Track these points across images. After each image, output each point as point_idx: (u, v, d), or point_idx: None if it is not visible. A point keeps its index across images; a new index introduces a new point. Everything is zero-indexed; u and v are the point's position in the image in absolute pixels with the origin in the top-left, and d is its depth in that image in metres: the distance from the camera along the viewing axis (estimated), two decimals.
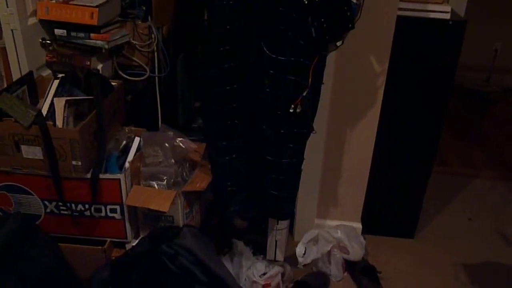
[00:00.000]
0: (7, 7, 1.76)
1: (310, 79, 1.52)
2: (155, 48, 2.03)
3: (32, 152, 1.60)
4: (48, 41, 1.91)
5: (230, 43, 1.51)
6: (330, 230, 2.08)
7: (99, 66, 1.92)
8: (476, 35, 1.85)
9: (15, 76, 1.87)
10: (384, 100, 1.94)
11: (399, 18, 1.81)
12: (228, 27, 1.48)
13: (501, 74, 4.28)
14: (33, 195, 1.69)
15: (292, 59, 1.51)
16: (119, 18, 1.98)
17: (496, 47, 4.21)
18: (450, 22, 1.91)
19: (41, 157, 1.60)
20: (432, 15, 1.91)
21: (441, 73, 2.02)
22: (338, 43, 1.52)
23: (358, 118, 1.97)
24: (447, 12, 1.91)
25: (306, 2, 1.40)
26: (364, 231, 2.25)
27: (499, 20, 4.00)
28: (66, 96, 1.63)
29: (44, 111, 1.61)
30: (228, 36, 1.50)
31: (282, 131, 1.60)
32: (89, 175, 1.62)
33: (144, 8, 2.04)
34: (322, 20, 1.43)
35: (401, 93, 2.02)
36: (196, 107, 2.30)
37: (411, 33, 1.92)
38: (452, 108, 2.30)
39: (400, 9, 1.82)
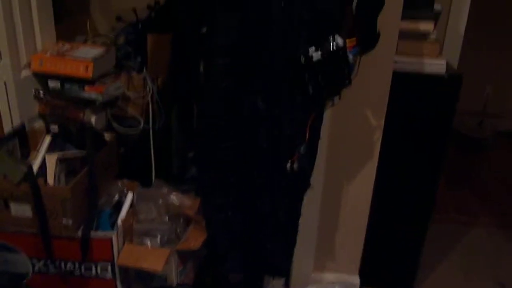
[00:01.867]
0: (0, 59, 1.75)
1: (307, 135, 1.50)
2: (149, 100, 2.01)
3: (21, 210, 1.55)
4: (41, 93, 1.89)
5: (225, 100, 1.49)
6: (327, 286, 2.03)
7: (93, 118, 1.89)
8: (467, 80, 1.89)
9: (7, 127, 1.84)
10: (381, 153, 1.93)
11: (395, 73, 1.81)
12: (224, 84, 1.47)
13: (493, 119, 4.31)
14: (20, 253, 1.63)
15: (289, 115, 1.49)
16: (114, 70, 1.97)
17: (488, 91, 4.25)
18: (446, 77, 1.92)
19: (30, 215, 1.55)
20: (428, 69, 1.92)
21: (438, 126, 2.02)
22: (335, 99, 1.52)
23: (355, 172, 1.95)
24: (442, 66, 1.92)
25: (303, 61, 1.39)
26: (363, 284, 2.20)
27: (489, 66, 4.06)
28: (58, 152, 1.59)
29: (35, 168, 1.57)
30: (224, 93, 1.48)
31: (279, 187, 1.57)
32: (79, 234, 1.57)
33: (139, 59, 2.03)
34: (319, 77, 1.42)
35: (398, 146, 2.01)
36: (190, 158, 2.27)
37: (407, 87, 1.92)
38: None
39: (395, 62, 1.83)
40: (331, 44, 1.38)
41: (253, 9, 1.40)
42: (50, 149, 1.62)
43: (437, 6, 2.02)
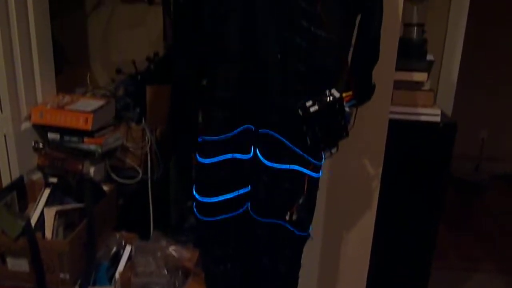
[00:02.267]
0: (1, 112, 1.77)
1: (305, 187, 1.51)
2: (148, 150, 2.03)
3: (18, 265, 1.53)
4: (41, 145, 1.90)
5: (225, 153, 1.50)
6: None
7: (92, 170, 1.90)
8: (462, 125, 1.93)
9: (5, 179, 1.84)
10: (380, 200, 1.93)
11: (392, 122, 1.84)
12: (223, 137, 1.49)
13: (490, 162, 4.33)
14: None
15: (288, 167, 1.50)
16: (113, 121, 1.99)
17: (483, 136, 4.29)
18: (441, 125, 1.95)
19: (27, 270, 1.53)
20: (423, 118, 1.95)
21: (435, 172, 2.04)
22: (333, 150, 1.52)
23: (354, 222, 1.94)
24: (437, 115, 1.95)
25: (301, 114, 1.41)
26: None
27: (483, 110, 4.11)
28: (57, 205, 1.59)
29: (34, 221, 1.56)
30: (223, 146, 1.50)
31: (278, 239, 1.56)
32: None
33: (138, 110, 2.06)
34: (317, 129, 1.43)
35: (397, 193, 2.02)
36: (188, 207, 2.26)
37: (404, 136, 1.95)
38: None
39: (392, 112, 1.86)
40: (328, 97, 1.40)
41: (251, 62, 1.43)
42: (49, 202, 1.61)
43: (429, 56, 2.08)
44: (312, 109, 1.39)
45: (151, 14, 2.35)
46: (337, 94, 1.41)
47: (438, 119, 1.95)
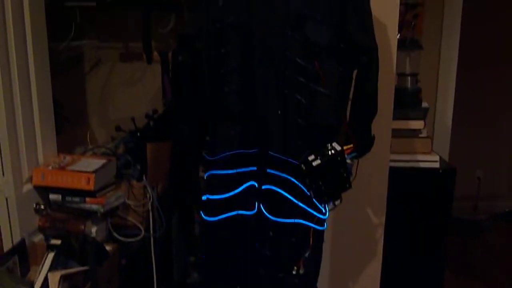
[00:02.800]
0: (3, 175, 1.76)
1: (311, 240, 1.50)
2: (150, 207, 2.02)
3: None
4: (42, 206, 1.89)
5: (229, 211, 1.50)
6: None
7: (94, 229, 1.88)
8: (458, 166, 1.96)
9: (6, 243, 1.81)
10: (385, 248, 1.92)
11: (392, 169, 1.86)
12: (227, 195, 1.49)
13: (488, 201, 4.33)
14: None
15: (293, 221, 1.50)
16: (115, 179, 1.99)
17: (479, 175, 4.31)
18: (440, 171, 1.97)
19: None
20: (422, 165, 1.97)
21: (437, 216, 2.05)
22: (337, 202, 1.53)
23: (360, 272, 1.93)
24: (435, 161, 1.98)
25: (304, 168, 1.42)
26: None
27: (478, 150, 4.15)
28: (61, 269, 1.57)
29: (38, 286, 1.53)
30: (228, 204, 1.50)
31: None
32: None
33: (139, 167, 2.06)
34: (320, 183, 1.44)
35: (401, 241, 2.02)
36: (191, 263, 2.24)
37: (405, 182, 1.97)
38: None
39: (391, 160, 1.88)
40: (330, 151, 1.42)
41: (252, 119, 1.46)
42: (53, 266, 1.59)
43: (424, 104, 2.12)
44: (314, 163, 1.41)
45: (149, 71, 2.40)
46: (338, 148, 1.43)
47: (437, 165, 1.98)
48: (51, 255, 1.61)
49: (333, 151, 1.43)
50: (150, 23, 2.18)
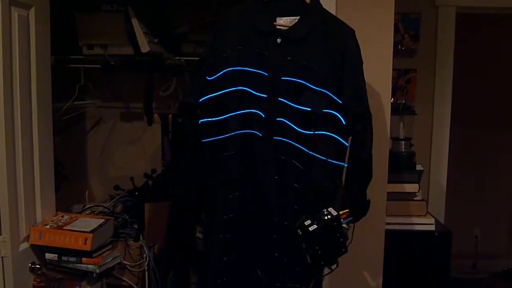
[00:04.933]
0: (0, 234, 1.76)
1: None
2: (146, 267, 2.01)
3: None
4: (38, 266, 1.88)
5: (227, 275, 1.50)
6: None
7: None
8: (455, 225, 1.97)
9: None
10: None
11: (388, 232, 1.87)
12: (225, 259, 1.50)
13: (486, 260, 4.30)
14: None
15: (289, 285, 1.50)
16: (112, 239, 1.99)
17: (476, 233, 4.30)
18: (436, 234, 1.98)
19: None
20: (418, 227, 1.99)
21: (434, 279, 2.04)
22: (333, 267, 1.53)
23: None
24: (431, 224, 1.99)
25: (300, 233, 1.44)
26: None
27: (474, 209, 4.16)
28: None
29: None
30: (226, 267, 1.50)
31: None
32: None
33: (136, 226, 2.07)
34: (317, 247, 1.45)
35: None
36: None
37: (401, 245, 1.97)
38: None
39: (387, 223, 1.89)
40: (326, 216, 1.43)
41: (250, 185, 1.48)
42: None
43: (418, 166, 2.16)
44: (311, 228, 1.42)
45: (149, 132, 2.44)
46: (334, 213, 1.45)
47: (432, 227, 1.99)
48: None
49: (329, 216, 1.44)
50: (152, 86, 2.24)
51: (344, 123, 1.47)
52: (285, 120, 1.45)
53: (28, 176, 1.86)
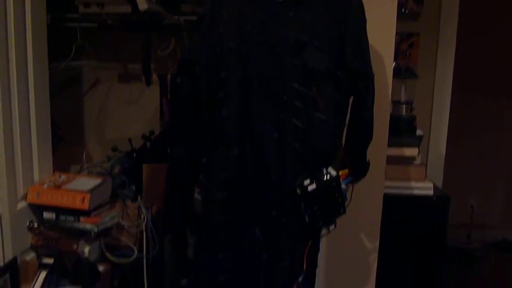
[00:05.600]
0: None
1: (305, 264, 1.50)
2: (143, 228, 2.01)
3: None
4: (36, 225, 1.88)
5: (225, 233, 1.51)
6: None
7: (86, 249, 1.87)
8: (452, 194, 1.98)
9: None
10: (379, 275, 1.92)
11: (386, 196, 1.87)
12: (223, 218, 1.50)
13: (481, 230, 4.33)
14: None
15: (287, 244, 1.50)
16: (110, 199, 1.98)
17: (472, 203, 4.32)
18: (434, 198, 1.98)
19: None
20: (416, 192, 1.99)
21: (431, 244, 2.06)
22: (331, 227, 1.54)
23: None
24: (429, 189, 1.99)
25: (299, 192, 1.43)
26: None
27: (471, 178, 4.17)
28: None
29: None
30: (223, 226, 1.51)
31: None
32: None
33: (134, 187, 2.06)
34: (315, 207, 1.45)
35: (394, 266, 2.02)
36: (183, 285, 2.22)
37: (399, 209, 1.98)
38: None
39: (386, 187, 1.89)
40: (325, 175, 1.43)
41: (249, 143, 1.47)
42: (45, 284, 1.58)
43: (418, 131, 2.15)
44: (310, 188, 1.43)
45: (147, 92, 2.41)
46: (333, 173, 1.45)
47: (431, 192, 1.99)
48: (43, 274, 1.60)
49: (328, 176, 1.44)
50: (150, 46, 2.20)
51: (346, 81, 1.45)
52: (286, 78, 1.43)
53: (24, 136, 1.84)
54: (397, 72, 2.00)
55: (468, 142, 3.95)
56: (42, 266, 1.67)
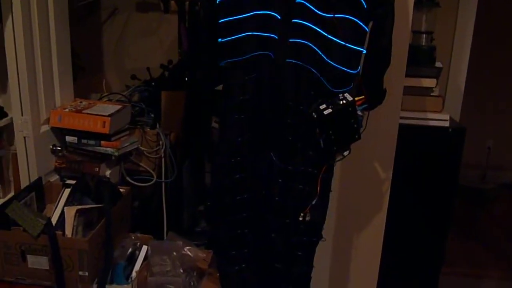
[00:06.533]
0: (22, 115, 1.81)
1: (318, 188, 1.54)
2: (162, 154, 2.07)
3: (38, 262, 1.57)
4: (59, 148, 1.95)
5: (240, 155, 1.55)
6: None
7: (107, 172, 1.94)
8: (469, 134, 1.98)
9: (23, 181, 1.88)
10: (390, 205, 1.96)
11: (401, 126, 1.87)
12: (239, 139, 1.53)
13: (496, 171, 4.35)
14: None
15: (302, 168, 1.54)
16: (129, 126, 2.03)
17: (489, 145, 4.32)
18: (450, 130, 1.99)
19: (47, 267, 1.57)
20: (432, 123, 1.99)
21: (444, 177, 2.08)
22: (345, 153, 1.56)
23: (364, 224, 1.98)
24: (445, 120, 1.99)
25: (315, 116, 1.45)
26: None
27: (489, 119, 4.14)
28: (77, 205, 1.63)
29: (54, 220, 1.60)
30: (239, 148, 1.54)
31: (291, 240, 1.60)
32: (94, 287, 1.58)
33: (153, 115, 2.11)
34: (330, 132, 1.47)
35: (406, 198, 2.05)
36: (200, 211, 2.30)
37: (414, 140, 1.99)
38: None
39: (402, 117, 1.89)
40: (341, 100, 1.44)
41: (266, 67, 1.48)
42: (69, 201, 1.66)
43: (438, 63, 2.12)
44: (325, 112, 1.44)
45: (165, 22, 2.41)
46: (350, 98, 1.45)
47: (447, 124, 2.00)
48: (67, 191, 1.67)
49: (344, 101, 1.45)
50: None
51: (365, 6, 1.43)
52: (304, 2, 1.41)
53: (46, 60, 1.88)
54: (419, 1, 1.95)
55: (488, 81, 3.90)
56: (66, 186, 1.74)
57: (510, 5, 3.53)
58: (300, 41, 1.44)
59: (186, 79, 2.06)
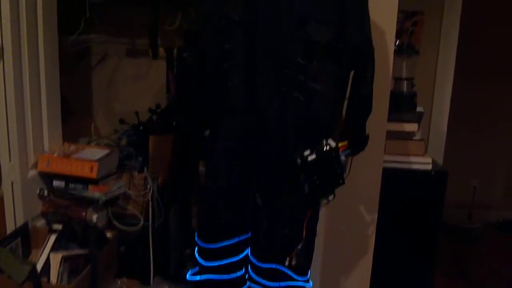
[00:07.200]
0: (10, 160, 1.82)
1: (304, 232, 1.56)
2: (149, 198, 2.08)
3: None
4: (46, 192, 1.95)
5: (227, 198, 1.56)
6: None
7: (94, 217, 1.94)
8: (454, 174, 2.02)
9: (9, 226, 1.87)
10: (376, 247, 1.98)
11: (385, 170, 1.91)
12: (225, 184, 1.55)
13: (482, 210, 4.38)
14: None
15: (287, 213, 1.56)
16: (117, 170, 2.05)
17: (474, 184, 4.36)
18: (432, 173, 2.03)
19: None
20: (415, 166, 2.03)
21: (428, 218, 2.10)
22: (330, 197, 1.58)
23: (351, 267, 1.98)
24: (428, 163, 2.04)
25: (299, 162, 1.48)
26: None
27: (474, 159, 4.20)
28: (62, 251, 1.63)
29: (39, 266, 1.60)
30: (226, 191, 1.56)
31: (279, 284, 1.60)
32: None
33: (140, 159, 2.12)
34: (315, 177, 1.50)
35: (392, 239, 2.07)
36: (187, 255, 2.29)
37: (398, 183, 2.03)
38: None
39: (386, 161, 1.94)
40: (325, 146, 1.48)
41: (252, 114, 1.52)
42: (55, 247, 1.65)
43: (419, 108, 2.18)
44: (309, 158, 1.47)
45: (154, 67, 2.45)
46: (333, 144, 1.49)
47: (429, 167, 2.04)
48: (53, 237, 1.67)
49: (328, 147, 1.48)
50: (157, 20, 2.24)
51: (346, 55, 1.49)
52: (289, 51, 1.47)
53: (35, 105, 1.91)
54: (399, 49, 2.03)
55: (470, 122, 3.97)
56: (52, 232, 1.74)
57: (490, 46, 3.65)
58: (285, 88, 1.48)
59: (174, 123, 2.09)
